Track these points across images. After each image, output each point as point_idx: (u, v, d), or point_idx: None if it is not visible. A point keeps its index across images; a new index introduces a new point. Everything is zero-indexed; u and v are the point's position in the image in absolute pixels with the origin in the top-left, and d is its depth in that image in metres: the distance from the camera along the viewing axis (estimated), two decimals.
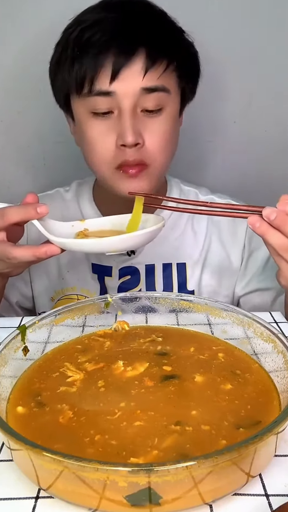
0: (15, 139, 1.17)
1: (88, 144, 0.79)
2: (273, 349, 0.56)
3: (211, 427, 0.47)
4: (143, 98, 0.74)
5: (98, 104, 0.74)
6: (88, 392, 0.53)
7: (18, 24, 1.06)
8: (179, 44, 0.78)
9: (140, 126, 0.75)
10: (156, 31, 0.75)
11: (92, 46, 0.72)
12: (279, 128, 1.18)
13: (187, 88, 0.81)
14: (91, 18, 0.74)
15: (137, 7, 0.76)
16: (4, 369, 0.54)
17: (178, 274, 0.92)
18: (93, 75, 0.72)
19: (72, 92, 0.77)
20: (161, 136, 0.77)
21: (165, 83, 0.75)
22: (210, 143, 1.19)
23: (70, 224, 0.75)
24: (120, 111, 0.74)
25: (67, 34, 0.76)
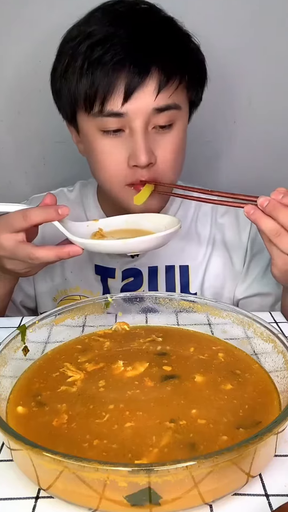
0: (15, 139, 1.17)
1: (97, 161, 0.78)
2: (273, 349, 0.56)
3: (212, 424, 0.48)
4: (155, 116, 0.73)
5: (108, 123, 0.73)
6: (88, 393, 0.53)
7: (18, 25, 1.06)
8: (190, 58, 0.77)
9: (151, 144, 0.74)
10: (168, 49, 0.73)
11: (104, 65, 0.70)
12: (279, 128, 1.18)
13: (197, 96, 0.81)
14: (99, 31, 0.71)
15: (146, 18, 0.74)
16: (4, 369, 0.54)
17: (181, 276, 0.92)
18: (104, 96, 0.71)
19: (79, 108, 0.75)
20: (172, 152, 0.77)
21: (176, 100, 0.74)
22: (210, 143, 1.19)
23: (85, 224, 0.76)
24: (131, 130, 0.73)
25: (73, 45, 0.73)
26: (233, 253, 0.93)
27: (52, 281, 0.95)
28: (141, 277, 0.92)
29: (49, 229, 0.69)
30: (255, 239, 0.92)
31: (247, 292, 0.93)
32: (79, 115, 0.77)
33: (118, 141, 0.74)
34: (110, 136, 0.74)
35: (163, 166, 0.76)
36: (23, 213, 0.66)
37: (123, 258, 0.91)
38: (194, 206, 0.94)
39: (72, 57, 0.73)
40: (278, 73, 1.13)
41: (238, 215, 0.93)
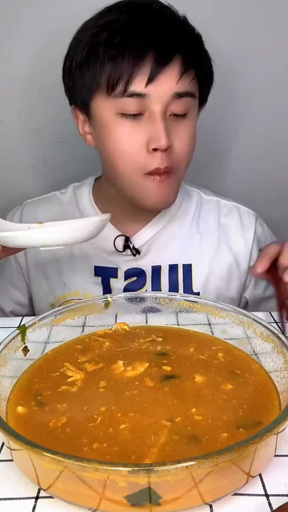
0: (15, 139, 1.17)
1: (114, 145, 0.77)
2: (273, 349, 0.56)
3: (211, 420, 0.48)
4: (174, 102, 0.74)
5: (128, 105, 0.73)
6: (87, 393, 0.53)
7: (18, 25, 1.06)
8: (204, 53, 0.79)
9: (169, 130, 0.75)
10: (188, 39, 0.76)
11: (130, 49, 0.71)
12: (279, 128, 1.18)
13: (205, 93, 0.82)
14: (121, 19, 0.73)
15: (161, 12, 0.76)
16: (4, 369, 0.54)
17: (184, 275, 0.92)
18: (129, 77, 0.72)
19: (99, 92, 0.75)
20: (188, 140, 0.78)
21: (193, 89, 0.76)
22: (210, 143, 1.19)
23: (27, 225, 0.73)
24: (151, 114, 0.74)
25: (93, 33, 0.74)
26: (238, 254, 0.93)
27: (49, 286, 0.94)
28: (144, 277, 0.91)
29: None
30: (260, 239, 0.93)
31: (267, 292, 0.93)
32: (97, 100, 0.76)
33: (138, 125, 0.75)
34: (129, 119, 0.75)
35: (179, 152, 0.77)
36: None
37: (124, 257, 0.91)
38: (194, 205, 0.94)
39: (93, 45, 0.74)
40: (278, 73, 1.13)
41: (241, 215, 0.94)
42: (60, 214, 0.94)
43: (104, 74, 0.73)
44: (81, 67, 0.76)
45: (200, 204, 0.94)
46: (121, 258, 0.91)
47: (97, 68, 0.73)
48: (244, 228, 0.93)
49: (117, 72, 0.72)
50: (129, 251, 0.89)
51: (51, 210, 0.95)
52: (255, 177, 1.21)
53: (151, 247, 0.91)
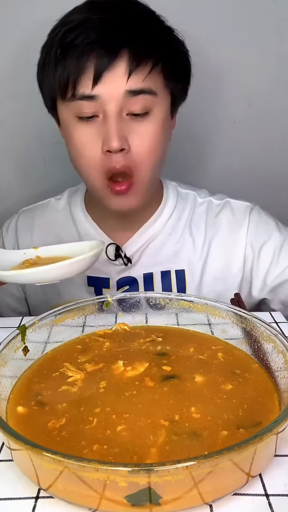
0: (15, 139, 1.17)
1: (74, 149, 0.77)
2: (273, 349, 0.56)
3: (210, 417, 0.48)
4: (129, 101, 0.72)
5: (82, 108, 0.73)
6: (88, 393, 0.53)
7: (18, 24, 1.06)
8: (165, 44, 0.75)
9: (126, 131, 0.73)
10: (140, 31, 0.72)
11: (75, 49, 0.70)
12: (279, 128, 1.18)
13: (176, 88, 0.79)
14: (75, 19, 0.72)
15: (123, 7, 0.74)
16: (4, 369, 0.54)
17: (177, 281, 0.90)
18: (75, 79, 0.71)
19: (57, 96, 0.76)
20: (147, 141, 0.75)
21: (151, 85, 0.73)
22: (210, 143, 1.19)
23: (23, 252, 0.73)
24: (105, 115, 0.72)
25: (52, 35, 0.75)
26: (232, 249, 0.90)
27: (45, 296, 0.94)
28: (137, 285, 0.90)
29: None
30: (257, 231, 0.89)
31: (280, 278, 0.89)
32: (58, 105, 0.77)
33: (93, 127, 0.74)
34: (84, 122, 0.74)
35: (138, 152, 0.75)
36: None
37: (115, 266, 0.90)
38: (188, 209, 0.92)
39: (49, 47, 0.74)
40: (277, 73, 1.13)
41: (233, 211, 0.91)
42: (54, 222, 0.94)
43: (56, 77, 0.73)
44: (41, 70, 0.77)
45: (194, 207, 0.92)
46: (113, 268, 0.90)
47: (50, 71, 0.73)
48: (237, 224, 0.90)
49: (64, 75, 0.71)
50: (121, 260, 0.89)
51: (46, 218, 0.95)
52: (255, 177, 1.21)
53: (142, 254, 0.90)
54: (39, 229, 0.95)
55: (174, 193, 0.93)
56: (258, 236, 0.89)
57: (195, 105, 0.85)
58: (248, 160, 1.20)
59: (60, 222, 0.94)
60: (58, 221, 0.94)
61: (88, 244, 0.71)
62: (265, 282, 0.89)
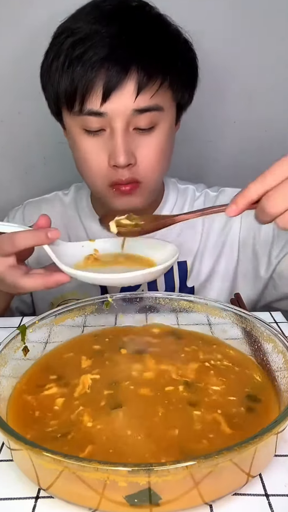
0: (15, 139, 1.17)
1: (80, 159, 0.78)
2: (273, 349, 0.56)
3: None
4: (136, 117, 0.72)
5: (89, 122, 0.73)
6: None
7: (18, 24, 1.06)
8: (175, 57, 0.75)
9: (132, 145, 0.73)
10: (151, 49, 0.71)
11: (84, 64, 0.69)
12: (279, 128, 1.18)
13: (183, 98, 0.79)
14: (83, 29, 0.71)
15: (132, 17, 0.73)
16: (4, 369, 0.54)
17: (180, 272, 0.92)
18: (83, 95, 0.71)
19: (62, 106, 0.76)
20: (153, 154, 0.76)
21: (159, 102, 0.73)
22: (210, 143, 1.19)
23: (80, 244, 0.71)
24: (112, 130, 0.72)
25: (58, 41, 0.74)
26: (230, 233, 0.91)
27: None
28: None
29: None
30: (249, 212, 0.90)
31: (285, 250, 0.87)
32: (64, 114, 0.77)
33: (100, 141, 0.74)
34: (91, 135, 0.74)
35: (144, 167, 0.76)
36: (11, 237, 0.63)
37: None
38: (188, 203, 0.94)
39: (56, 54, 0.74)
40: (277, 73, 1.13)
41: (228, 196, 0.92)
42: (61, 215, 0.95)
43: (62, 87, 0.72)
44: (46, 76, 0.76)
45: (193, 201, 0.94)
46: None
47: (56, 80, 0.73)
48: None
49: (72, 88, 0.71)
50: None
51: (54, 211, 0.95)
52: (256, 177, 1.21)
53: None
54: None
55: (174, 190, 0.95)
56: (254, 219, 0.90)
57: (195, 105, 0.85)
58: (248, 160, 1.20)
59: (67, 216, 0.95)
60: (65, 214, 0.95)
61: (140, 241, 0.67)
62: (270, 257, 0.89)
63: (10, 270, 0.63)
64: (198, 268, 0.93)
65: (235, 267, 0.92)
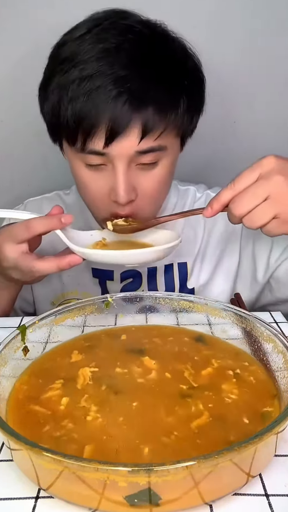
0: (15, 139, 1.17)
1: (80, 188, 0.79)
2: (273, 349, 0.56)
3: None
4: (138, 157, 0.71)
5: (91, 159, 0.72)
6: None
7: (18, 24, 1.06)
8: (182, 94, 0.72)
9: (134, 181, 0.73)
10: (157, 91, 0.69)
11: (87, 103, 0.68)
12: (279, 128, 1.18)
13: (188, 130, 0.78)
14: (89, 66, 0.67)
15: (137, 50, 0.69)
16: (4, 369, 0.54)
17: (180, 273, 0.92)
18: (86, 136, 0.69)
19: (62, 138, 0.75)
20: (155, 188, 0.76)
21: (162, 142, 0.72)
22: (210, 143, 1.19)
23: (89, 233, 0.76)
24: (114, 167, 0.71)
25: (60, 69, 0.70)
26: (232, 235, 0.91)
27: (50, 285, 0.94)
28: (140, 278, 0.92)
29: (56, 237, 0.69)
30: None
31: (285, 254, 0.88)
32: (64, 143, 0.76)
33: (101, 175, 0.74)
34: (93, 169, 0.74)
35: (144, 201, 0.75)
36: (26, 224, 0.67)
37: None
38: (188, 204, 0.94)
39: (58, 85, 0.71)
40: (278, 73, 1.13)
41: None
42: None
43: (64, 120, 0.71)
44: (45, 97, 0.75)
45: (194, 202, 0.95)
46: None
47: (57, 109, 0.72)
48: None
49: (75, 125, 0.69)
50: None
51: None
52: None
53: None
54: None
55: (175, 191, 0.94)
56: None
57: None
58: (248, 160, 1.20)
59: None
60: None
61: (158, 232, 0.75)
62: (269, 261, 0.89)
63: (24, 256, 0.67)
64: (198, 270, 0.93)
65: (236, 269, 0.93)
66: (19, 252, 0.67)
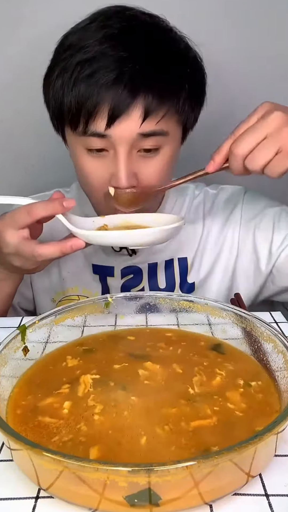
0: (15, 139, 1.17)
1: (82, 176, 0.79)
2: (273, 349, 0.56)
3: None
4: (140, 141, 0.72)
5: (92, 143, 0.72)
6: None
7: (18, 24, 1.06)
8: (183, 82, 0.73)
9: (135, 167, 0.73)
10: (160, 75, 0.70)
11: (91, 86, 0.68)
12: None
13: (189, 120, 0.79)
14: (92, 49, 0.69)
15: (141, 38, 0.71)
16: (4, 369, 0.54)
17: (180, 268, 0.93)
18: (88, 117, 0.70)
19: (65, 124, 0.75)
20: (156, 176, 0.76)
21: (164, 127, 0.72)
22: (210, 143, 1.19)
23: (91, 220, 0.76)
24: (115, 152, 0.72)
25: (64, 57, 0.72)
26: (230, 229, 0.91)
27: (50, 282, 0.94)
28: (141, 274, 0.92)
29: (58, 225, 0.69)
30: (252, 207, 0.91)
31: (285, 243, 0.88)
32: (66, 130, 0.77)
33: (102, 161, 0.74)
34: (94, 155, 0.74)
35: (146, 186, 0.76)
36: (27, 208, 0.66)
37: (121, 256, 0.91)
38: (188, 201, 0.94)
39: (61, 70, 0.72)
40: (278, 73, 1.13)
41: (228, 194, 0.94)
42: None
43: (66, 106, 0.71)
44: (49, 86, 0.75)
45: (193, 199, 0.95)
46: (118, 258, 0.91)
47: (60, 95, 0.72)
48: (232, 204, 0.92)
49: (77, 109, 0.70)
50: (126, 250, 0.90)
51: None
52: (255, 176, 1.21)
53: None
54: (69, 212, 0.95)
55: (174, 189, 0.94)
56: (253, 210, 0.91)
57: None
58: None
59: (71, 212, 0.94)
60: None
61: (145, 216, 0.76)
62: (271, 249, 0.89)
63: (25, 241, 0.67)
64: (198, 264, 0.93)
65: (234, 262, 0.93)
66: (20, 237, 0.67)
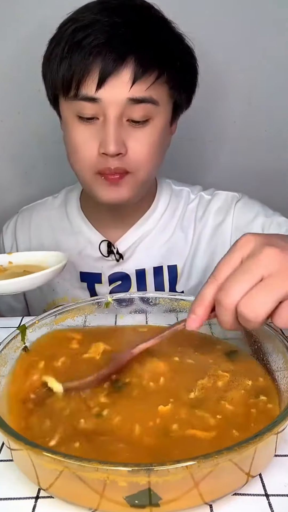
0: (15, 139, 1.17)
1: (71, 147, 0.79)
2: (273, 349, 0.56)
3: None
4: (130, 108, 0.72)
5: (83, 108, 0.73)
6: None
7: (18, 23, 1.06)
8: (173, 55, 0.75)
9: (124, 136, 0.74)
10: (149, 39, 0.72)
11: (82, 49, 0.70)
12: (279, 128, 1.18)
13: (180, 98, 0.79)
14: (86, 18, 0.72)
15: (135, 12, 0.74)
16: (4, 369, 0.54)
17: (170, 276, 0.91)
18: (79, 80, 0.71)
19: (59, 92, 0.76)
20: (145, 148, 0.76)
21: (154, 95, 0.73)
22: (210, 143, 1.19)
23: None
24: (105, 119, 0.73)
25: (61, 30, 0.75)
26: (220, 239, 0.90)
27: (41, 292, 0.95)
28: (129, 280, 0.91)
29: None
30: (243, 216, 0.89)
31: None
32: (60, 101, 0.78)
33: (92, 129, 0.75)
34: (84, 122, 0.75)
35: (135, 158, 0.75)
36: None
37: (108, 262, 0.91)
38: (182, 206, 0.93)
39: (57, 41, 0.74)
40: (278, 73, 1.13)
41: (221, 201, 0.92)
42: (49, 219, 0.96)
43: (59, 74, 0.73)
44: (47, 64, 0.77)
45: (187, 203, 0.94)
46: (105, 264, 0.91)
47: (55, 67, 0.74)
48: (224, 213, 0.91)
49: (69, 74, 0.72)
50: (113, 256, 0.89)
51: (43, 216, 0.97)
52: (255, 176, 1.21)
53: (135, 251, 0.90)
54: (36, 227, 0.97)
55: (168, 191, 0.94)
56: (244, 219, 0.89)
57: (195, 105, 0.85)
58: (249, 160, 1.21)
59: (55, 219, 0.95)
60: (53, 218, 0.96)
61: (56, 255, 0.75)
62: None
63: None
64: (188, 272, 0.92)
65: None
66: None
